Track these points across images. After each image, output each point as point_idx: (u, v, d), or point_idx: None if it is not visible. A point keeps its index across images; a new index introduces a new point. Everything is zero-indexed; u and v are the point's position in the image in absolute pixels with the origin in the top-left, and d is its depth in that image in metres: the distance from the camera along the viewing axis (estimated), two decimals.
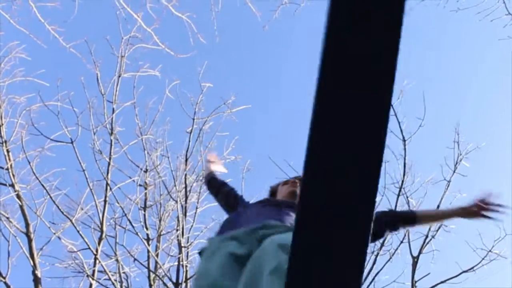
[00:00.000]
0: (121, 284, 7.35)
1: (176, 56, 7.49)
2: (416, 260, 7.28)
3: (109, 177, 7.77)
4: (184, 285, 7.09)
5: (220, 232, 1.92)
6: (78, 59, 7.56)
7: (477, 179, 8.24)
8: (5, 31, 7.68)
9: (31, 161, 7.67)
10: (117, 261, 7.48)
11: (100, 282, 7.41)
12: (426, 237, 7.42)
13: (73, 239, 7.68)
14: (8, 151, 7.77)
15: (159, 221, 8.17)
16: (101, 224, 7.59)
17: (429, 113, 7.17)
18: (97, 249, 7.36)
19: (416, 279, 7.15)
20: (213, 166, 2.75)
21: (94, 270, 7.30)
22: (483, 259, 7.20)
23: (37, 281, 7.14)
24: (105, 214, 7.66)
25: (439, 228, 7.38)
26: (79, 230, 7.45)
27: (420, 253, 7.35)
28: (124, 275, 7.53)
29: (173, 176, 8.15)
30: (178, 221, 7.63)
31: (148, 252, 7.72)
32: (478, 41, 9.51)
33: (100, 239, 7.48)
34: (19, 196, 7.62)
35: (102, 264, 7.28)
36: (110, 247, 7.67)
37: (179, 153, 8.44)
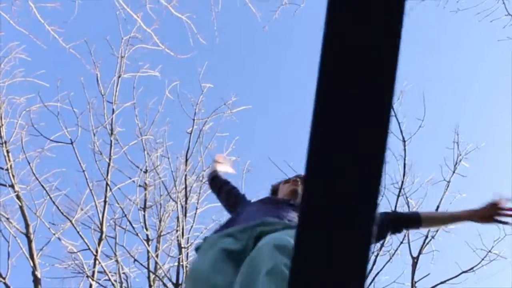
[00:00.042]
0: (121, 284, 7.34)
1: (176, 56, 7.50)
2: (416, 260, 7.27)
3: (109, 178, 7.77)
4: (184, 285, 7.08)
5: (217, 230, 1.91)
6: (78, 60, 7.56)
7: (477, 179, 8.25)
8: (5, 31, 7.69)
9: (31, 161, 7.67)
10: (117, 262, 7.48)
11: (100, 282, 7.41)
12: (426, 237, 7.42)
13: (73, 240, 7.69)
14: (8, 151, 7.76)
15: (159, 221, 8.17)
16: (101, 224, 7.59)
17: (428, 113, 7.18)
18: (97, 249, 7.35)
19: (416, 279, 7.15)
20: (219, 166, 2.75)
21: (94, 270, 7.29)
22: (483, 259, 7.20)
23: (37, 281, 7.14)
24: (105, 214, 7.66)
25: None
26: (79, 230, 7.45)
27: (420, 253, 7.35)
28: (124, 275, 7.53)
29: (173, 176, 8.16)
30: (178, 221, 7.63)
31: (148, 252, 7.72)
32: (477, 42, 9.52)
33: (100, 240, 7.48)
34: (19, 196, 7.62)
35: (102, 264, 7.27)
36: (110, 247, 7.68)
37: (179, 154, 8.45)
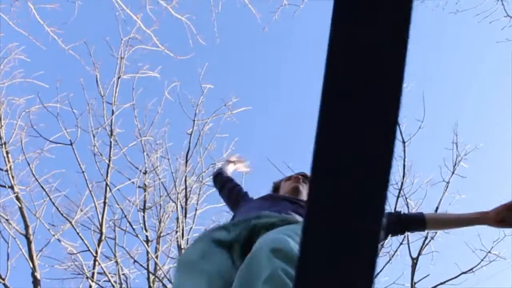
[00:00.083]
0: (120, 285, 7.34)
1: (175, 57, 7.52)
2: (415, 261, 7.27)
3: (108, 179, 7.77)
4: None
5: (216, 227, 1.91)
6: (77, 61, 7.58)
7: (476, 180, 8.26)
8: (5, 32, 7.69)
9: (30, 162, 7.66)
10: (116, 263, 7.47)
11: (99, 283, 7.40)
12: (425, 238, 7.43)
13: (72, 241, 7.68)
14: (7, 152, 7.76)
15: (159, 222, 8.17)
16: (101, 225, 7.58)
17: (428, 114, 7.19)
18: (97, 250, 7.35)
19: (415, 280, 7.14)
20: (230, 165, 2.75)
21: (93, 272, 7.29)
22: (482, 260, 7.20)
23: (36, 282, 7.13)
24: (105, 215, 7.66)
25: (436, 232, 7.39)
26: (79, 231, 7.44)
27: (419, 254, 7.35)
28: (123, 276, 7.52)
29: (173, 177, 8.16)
30: (177, 222, 7.62)
31: (147, 253, 7.71)
32: (477, 43, 9.54)
33: (99, 241, 7.47)
34: (18, 197, 7.61)
35: (101, 265, 7.27)
36: (109, 248, 7.67)
37: (179, 155, 8.46)
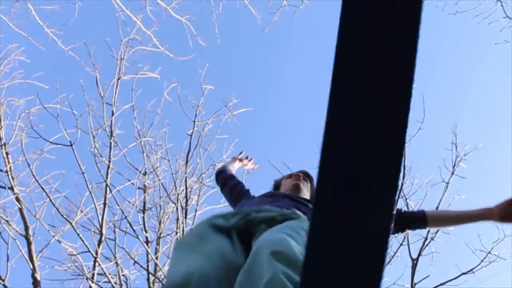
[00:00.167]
0: (120, 286, 7.33)
1: (175, 58, 7.52)
2: (415, 262, 7.28)
3: (108, 180, 7.77)
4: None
5: None
6: (77, 62, 7.58)
7: (476, 180, 8.27)
8: (4, 33, 7.68)
9: (30, 163, 7.65)
10: (116, 264, 7.47)
11: (99, 284, 7.40)
12: (425, 239, 7.44)
13: (72, 242, 7.67)
14: (7, 153, 7.76)
15: (159, 223, 8.17)
16: (101, 226, 7.58)
17: (427, 115, 7.19)
18: (97, 251, 7.34)
19: (415, 281, 7.15)
20: (235, 162, 2.75)
21: (93, 273, 7.28)
22: (482, 261, 7.21)
23: (36, 283, 7.13)
24: (105, 216, 7.65)
25: (438, 230, 7.40)
26: (79, 232, 7.43)
27: (419, 255, 7.35)
28: (123, 277, 7.52)
29: (173, 178, 8.16)
30: (177, 223, 7.62)
31: (147, 254, 7.71)
32: (476, 44, 9.54)
33: (99, 242, 7.47)
34: (18, 198, 7.61)
35: (101, 266, 7.26)
36: (109, 249, 7.66)
37: (179, 156, 8.46)
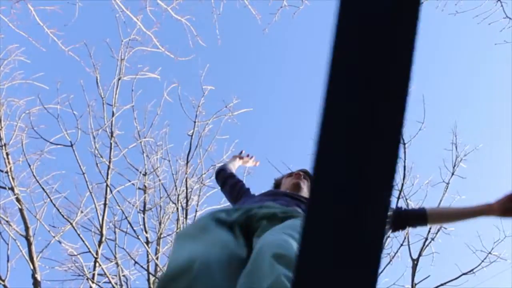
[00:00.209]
0: (121, 287, 7.34)
1: (176, 59, 7.52)
2: (416, 262, 7.28)
3: (109, 180, 7.77)
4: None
5: None
6: (77, 62, 7.58)
7: (476, 181, 8.27)
8: (5, 34, 7.69)
9: (31, 164, 7.67)
10: (117, 264, 7.47)
11: (100, 285, 7.40)
12: (425, 239, 7.44)
13: (73, 242, 7.68)
14: (7, 154, 7.76)
15: (159, 224, 8.17)
16: (101, 227, 7.59)
17: (427, 115, 7.21)
18: (97, 252, 7.35)
19: (416, 281, 7.15)
20: (236, 160, 2.75)
21: (94, 273, 7.29)
22: (483, 261, 7.21)
23: (36, 284, 7.13)
24: (105, 217, 7.66)
25: (439, 230, 7.40)
26: (79, 233, 7.45)
27: (420, 255, 7.35)
28: (124, 278, 7.52)
29: (174, 178, 8.17)
30: (178, 223, 7.63)
31: (148, 255, 7.72)
32: (476, 44, 9.55)
33: (100, 242, 7.47)
34: (18, 199, 7.61)
35: (102, 267, 7.27)
36: (110, 250, 7.67)
37: (179, 156, 8.46)
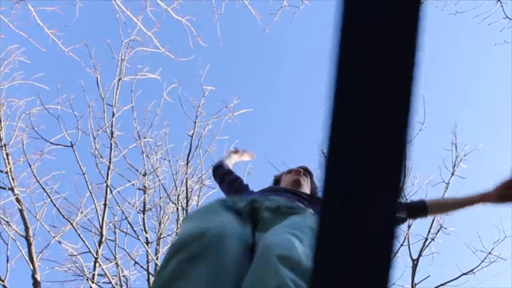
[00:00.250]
0: (121, 287, 7.34)
1: (176, 59, 7.52)
2: (416, 262, 7.29)
3: (109, 181, 7.77)
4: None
5: None
6: (78, 63, 7.57)
7: (476, 181, 8.27)
8: (5, 34, 7.68)
9: (31, 164, 7.67)
10: (117, 265, 7.47)
11: (100, 285, 7.40)
12: (425, 239, 7.45)
13: (73, 243, 7.68)
14: (7, 154, 7.76)
15: (159, 224, 8.18)
16: (101, 227, 7.59)
17: (427, 115, 7.22)
18: (97, 252, 7.35)
19: (416, 281, 7.16)
20: (233, 155, 2.73)
21: (94, 273, 7.29)
22: (483, 261, 7.23)
23: (36, 284, 7.13)
24: (105, 217, 7.66)
25: (439, 230, 7.41)
26: (79, 233, 7.45)
27: (420, 255, 7.37)
28: (124, 278, 7.52)
29: (174, 179, 8.17)
30: (178, 224, 7.63)
31: (148, 255, 7.72)
32: (476, 44, 9.55)
33: (100, 242, 7.47)
34: (18, 199, 7.61)
35: (102, 267, 7.27)
36: (110, 250, 7.68)
37: (179, 156, 8.47)
